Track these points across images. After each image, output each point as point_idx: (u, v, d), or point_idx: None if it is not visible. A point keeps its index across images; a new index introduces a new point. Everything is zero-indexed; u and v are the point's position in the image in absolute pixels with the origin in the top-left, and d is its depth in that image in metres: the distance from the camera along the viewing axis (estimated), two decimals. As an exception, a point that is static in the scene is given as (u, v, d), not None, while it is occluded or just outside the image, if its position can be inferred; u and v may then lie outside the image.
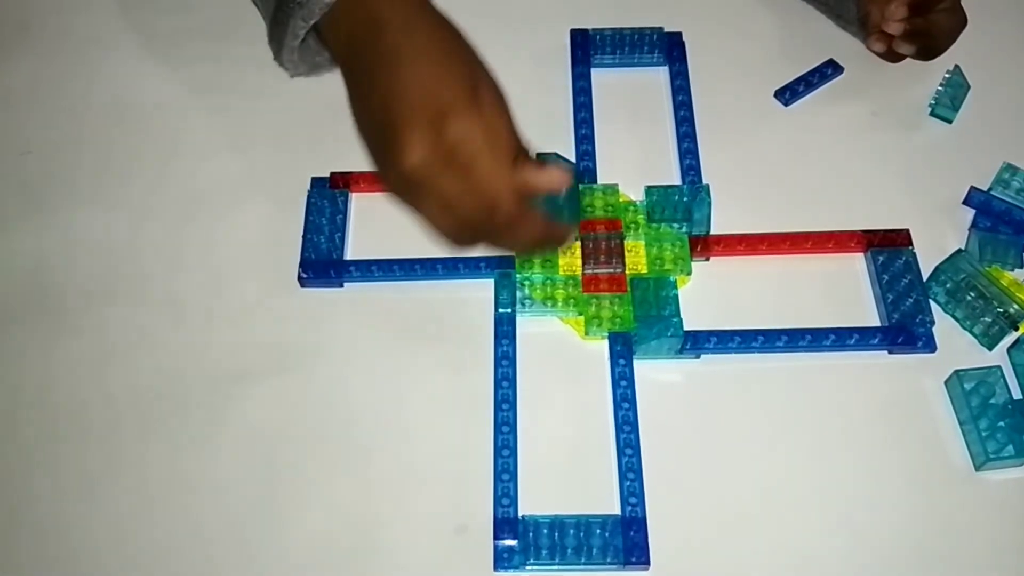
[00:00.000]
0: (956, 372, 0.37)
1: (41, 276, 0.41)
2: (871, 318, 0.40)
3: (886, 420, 0.37)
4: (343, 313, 0.40)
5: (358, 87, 0.33)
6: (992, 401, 0.36)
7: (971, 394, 0.37)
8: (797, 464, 0.36)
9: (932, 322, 0.38)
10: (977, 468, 0.36)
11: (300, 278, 0.40)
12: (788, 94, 0.46)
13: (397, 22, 0.32)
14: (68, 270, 0.41)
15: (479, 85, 0.32)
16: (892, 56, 0.46)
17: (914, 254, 0.40)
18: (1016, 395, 0.37)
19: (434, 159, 0.31)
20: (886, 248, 0.41)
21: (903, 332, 0.38)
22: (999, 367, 0.37)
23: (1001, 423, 0.36)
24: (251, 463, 0.36)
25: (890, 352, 0.39)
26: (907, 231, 0.41)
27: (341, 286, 0.41)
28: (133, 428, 0.37)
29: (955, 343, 0.39)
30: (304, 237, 0.41)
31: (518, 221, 0.33)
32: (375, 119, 0.32)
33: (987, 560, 0.34)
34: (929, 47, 0.45)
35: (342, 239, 0.42)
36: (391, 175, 0.32)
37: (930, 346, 0.38)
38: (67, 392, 0.38)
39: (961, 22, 0.44)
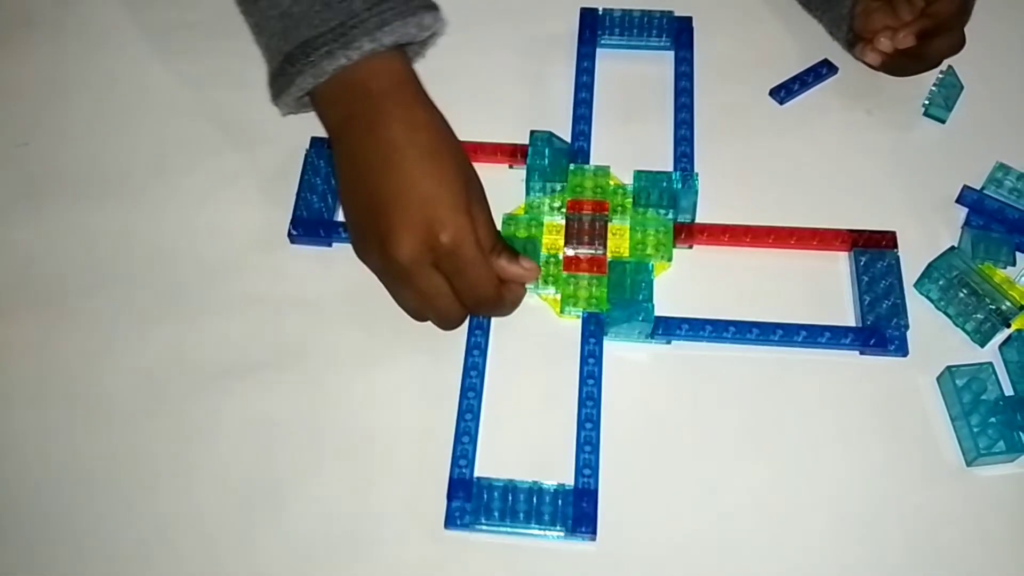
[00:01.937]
0: (948, 368, 0.38)
1: (37, 267, 0.42)
2: (848, 318, 0.41)
3: (877, 415, 0.38)
4: (328, 272, 0.42)
5: (352, 167, 0.37)
6: (984, 397, 0.37)
7: (963, 390, 0.38)
8: (771, 458, 0.38)
9: (906, 326, 0.40)
10: (968, 464, 0.37)
11: (290, 235, 0.43)
12: (783, 93, 0.47)
13: (398, 113, 0.36)
14: (64, 261, 0.43)
15: (469, 191, 0.36)
16: (883, 68, 0.46)
17: (897, 257, 0.41)
18: (1007, 392, 0.38)
19: (424, 260, 0.36)
20: (870, 249, 0.42)
21: (875, 334, 0.39)
22: (991, 364, 0.38)
23: (992, 419, 0.37)
24: (233, 407, 0.39)
25: (861, 353, 0.40)
26: (893, 233, 0.42)
27: (329, 245, 0.43)
28: (128, 408, 0.39)
29: (947, 340, 0.40)
30: (298, 195, 0.44)
31: (496, 307, 0.38)
32: (371, 205, 0.36)
33: (978, 556, 0.36)
34: (919, 68, 0.46)
35: (335, 200, 0.44)
36: (375, 260, 0.37)
37: (902, 350, 0.39)
38: (63, 381, 0.40)
39: (959, 44, 0.44)
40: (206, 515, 0.37)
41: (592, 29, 0.49)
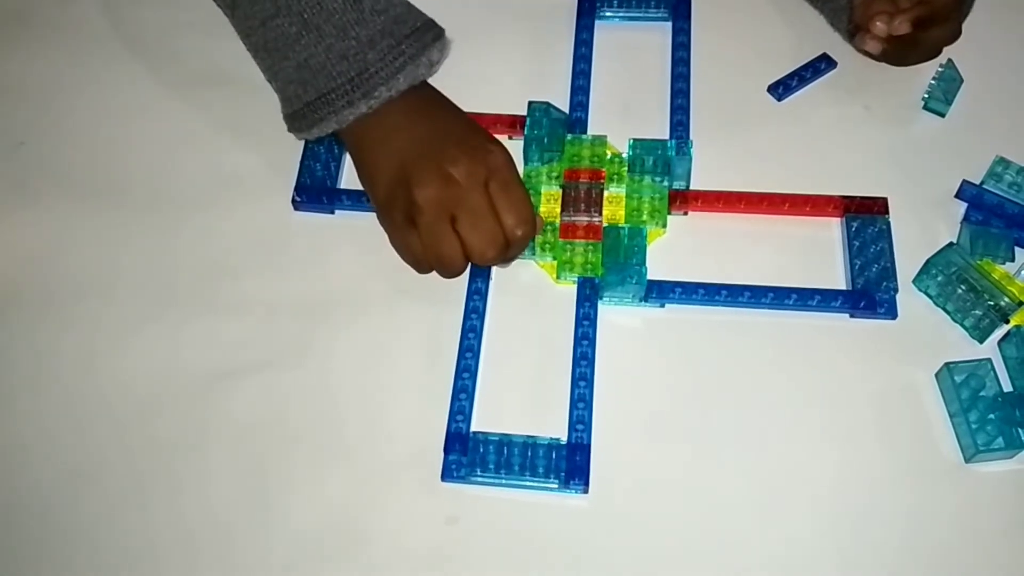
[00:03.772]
0: (946, 365, 0.39)
1: (35, 267, 0.43)
2: (840, 283, 0.42)
3: (874, 413, 0.39)
4: (331, 239, 0.44)
5: (391, 127, 0.40)
6: (982, 394, 0.38)
7: (961, 387, 0.38)
8: (760, 418, 0.39)
9: (896, 289, 0.41)
10: (967, 460, 0.38)
11: (294, 201, 0.45)
12: (781, 89, 0.48)
13: (425, 91, 0.42)
14: (62, 261, 0.43)
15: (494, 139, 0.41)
16: (882, 57, 0.47)
17: (888, 222, 0.43)
18: (1006, 388, 0.39)
19: (479, 175, 0.38)
20: (862, 215, 0.43)
21: (865, 297, 0.41)
22: (989, 360, 0.39)
23: (991, 416, 0.37)
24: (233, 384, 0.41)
25: (852, 316, 0.41)
26: (885, 199, 0.43)
27: (332, 213, 0.45)
28: (128, 409, 0.40)
29: (946, 336, 0.40)
30: (301, 163, 0.46)
31: (530, 232, 0.40)
32: (423, 142, 0.39)
33: (977, 552, 0.36)
34: (918, 58, 0.46)
35: (337, 168, 0.46)
36: (429, 190, 0.38)
37: (891, 313, 0.41)
38: (61, 382, 0.41)
39: (955, 34, 0.45)
40: (214, 498, 0.38)
41: (591, 0, 0.51)
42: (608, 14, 0.51)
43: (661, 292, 0.41)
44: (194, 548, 0.37)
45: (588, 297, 0.42)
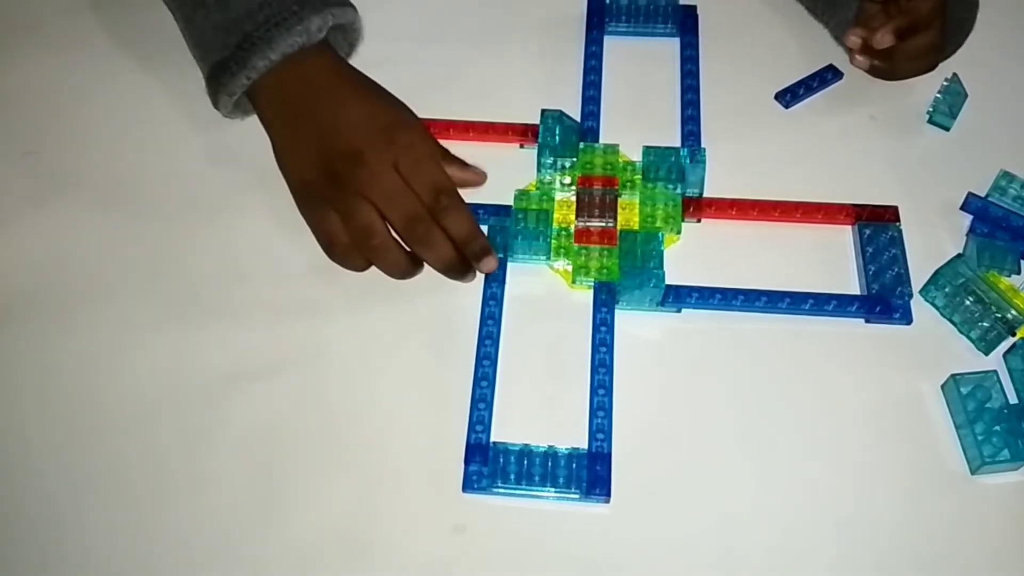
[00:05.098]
0: (953, 376, 0.39)
1: (46, 273, 0.43)
2: (853, 290, 0.42)
3: (880, 423, 0.39)
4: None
5: (296, 120, 0.42)
6: (988, 405, 0.38)
7: (967, 398, 0.38)
8: (778, 427, 0.39)
9: (910, 295, 0.41)
10: (973, 472, 0.37)
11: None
12: (788, 97, 0.48)
13: (323, 70, 0.43)
14: (72, 267, 0.43)
15: (406, 112, 0.43)
16: (873, 73, 0.48)
17: (900, 230, 0.43)
18: (1012, 400, 0.39)
19: (386, 162, 0.40)
20: (873, 222, 0.43)
21: (880, 302, 0.41)
22: (995, 372, 0.39)
23: (997, 427, 0.37)
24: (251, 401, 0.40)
25: (867, 321, 0.41)
26: (895, 208, 0.44)
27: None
28: (136, 414, 0.39)
29: (952, 347, 0.41)
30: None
31: (457, 208, 0.40)
32: (326, 136, 0.41)
33: (982, 564, 0.36)
34: (903, 71, 0.47)
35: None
36: (348, 178, 0.40)
37: (906, 318, 0.41)
38: (71, 386, 0.40)
39: (935, 45, 0.46)
40: (219, 505, 0.37)
41: (600, 16, 0.51)
42: (616, 29, 0.51)
43: (678, 297, 0.41)
44: (201, 553, 0.36)
45: (605, 302, 0.41)
